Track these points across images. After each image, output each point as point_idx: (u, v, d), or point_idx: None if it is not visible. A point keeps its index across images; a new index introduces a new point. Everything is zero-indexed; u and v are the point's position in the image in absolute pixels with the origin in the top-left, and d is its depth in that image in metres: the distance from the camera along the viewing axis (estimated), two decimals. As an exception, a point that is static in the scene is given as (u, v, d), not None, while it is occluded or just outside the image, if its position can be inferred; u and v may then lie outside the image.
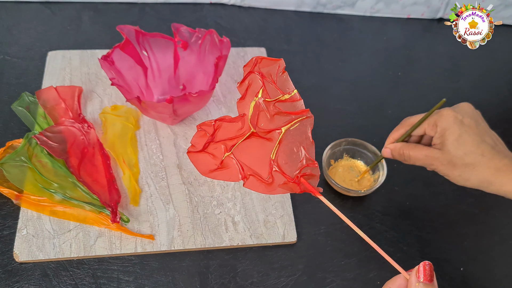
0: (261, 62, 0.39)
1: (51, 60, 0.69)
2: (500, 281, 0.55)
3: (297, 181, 0.38)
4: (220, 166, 0.39)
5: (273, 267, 0.53)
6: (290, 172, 0.38)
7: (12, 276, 0.50)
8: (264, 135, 0.39)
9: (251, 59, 0.39)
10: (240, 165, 0.39)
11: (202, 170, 0.39)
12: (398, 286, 0.38)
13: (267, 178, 0.38)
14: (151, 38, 0.62)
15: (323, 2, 0.80)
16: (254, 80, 0.39)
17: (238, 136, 0.39)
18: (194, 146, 0.39)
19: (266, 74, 0.39)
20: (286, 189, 0.38)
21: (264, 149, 0.39)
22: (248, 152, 0.39)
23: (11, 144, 0.57)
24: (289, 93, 0.38)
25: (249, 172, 0.39)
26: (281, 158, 0.38)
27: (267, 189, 0.39)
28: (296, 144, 0.38)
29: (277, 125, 0.38)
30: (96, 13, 0.77)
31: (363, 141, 0.61)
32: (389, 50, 0.78)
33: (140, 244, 0.53)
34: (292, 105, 0.39)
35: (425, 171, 0.53)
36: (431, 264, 0.36)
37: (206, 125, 0.39)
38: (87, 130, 0.60)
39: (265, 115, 0.38)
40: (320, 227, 0.56)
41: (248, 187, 0.39)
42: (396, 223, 0.58)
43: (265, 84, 0.38)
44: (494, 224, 0.59)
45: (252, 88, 0.39)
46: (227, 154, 0.39)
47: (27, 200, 0.54)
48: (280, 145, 0.38)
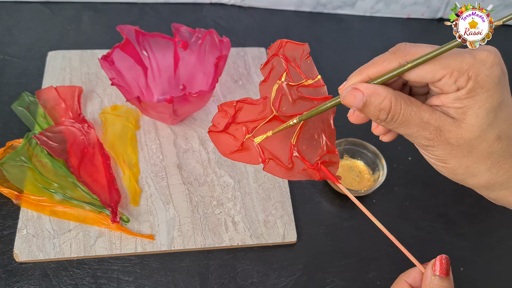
0: (286, 46, 0.38)
1: (51, 60, 0.69)
2: (500, 281, 0.55)
3: (317, 167, 0.37)
4: (241, 148, 0.38)
5: (273, 267, 0.53)
6: (310, 158, 0.38)
7: (12, 276, 0.50)
8: (285, 119, 0.38)
9: (276, 41, 0.38)
10: (261, 148, 0.38)
11: (222, 151, 0.38)
12: (413, 279, 0.37)
13: (287, 163, 0.38)
14: (151, 38, 0.62)
15: (323, 2, 0.80)
16: (278, 63, 0.38)
17: (259, 119, 0.38)
18: (215, 126, 0.39)
19: (290, 58, 0.38)
20: (305, 176, 0.38)
21: (285, 134, 0.38)
22: (270, 136, 0.38)
23: (11, 144, 0.57)
24: (312, 79, 0.38)
25: (269, 156, 0.38)
26: (301, 144, 0.38)
27: (286, 174, 0.38)
28: (317, 131, 0.38)
29: (299, 110, 0.37)
30: (96, 13, 0.77)
31: (363, 141, 0.61)
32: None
33: (140, 244, 0.53)
34: (315, 91, 0.38)
35: (425, 171, 0.53)
36: (447, 258, 0.35)
37: (228, 106, 0.38)
38: (87, 130, 0.60)
39: (287, 99, 0.38)
40: (320, 227, 0.57)
41: (267, 170, 0.38)
42: (396, 223, 0.58)
43: (288, 68, 0.38)
44: (494, 224, 0.59)
45: (276, 71, 0.38)
46: (248, 136, 0.38)
47: (27, 200, 0.54)
48: (301, 130, 0.38)
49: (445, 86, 0.30)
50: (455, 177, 0.33)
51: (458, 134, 0.30)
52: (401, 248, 0.36)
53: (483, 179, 0.32)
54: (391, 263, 0.55)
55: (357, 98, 0.32)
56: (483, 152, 0.31)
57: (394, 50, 0.31)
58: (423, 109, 0.31)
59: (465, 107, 0.30)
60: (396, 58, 0.31)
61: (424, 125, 0.31)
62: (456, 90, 0.30)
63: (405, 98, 0.31)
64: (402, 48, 0.31)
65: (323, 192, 0.60)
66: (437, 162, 0.33)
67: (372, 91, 0.31)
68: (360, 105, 0.32)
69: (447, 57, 0.29)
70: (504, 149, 0.31)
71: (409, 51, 0.30)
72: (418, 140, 0.32)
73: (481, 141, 0.30)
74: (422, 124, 0.31)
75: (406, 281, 0.37)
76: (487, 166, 0.31)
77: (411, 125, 0.31)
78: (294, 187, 0.59)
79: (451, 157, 0.32)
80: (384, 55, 0.32)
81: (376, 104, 0.31)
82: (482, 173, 0.32)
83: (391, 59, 0.31)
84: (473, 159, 0.31)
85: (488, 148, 0.31)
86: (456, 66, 0.29)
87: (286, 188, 0.58)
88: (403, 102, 0.31)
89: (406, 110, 0.31)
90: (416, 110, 0.31)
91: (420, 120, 0.31)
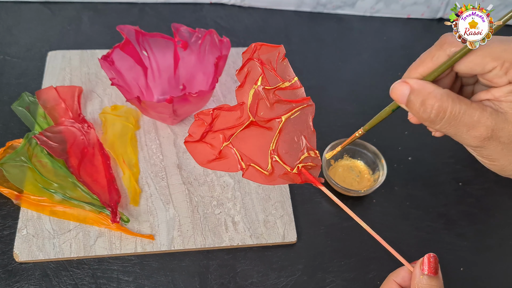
0: (261, 49, 0.37)
1: (51, 60, 0.69)
2: (500, 281, 0.55)
3: (298, 171, 0.37)
4: (219, 156, 0.38)
5: (273, 267, 0.53)
6: (291, 162, 0.37)
7: (12, 276, 0.50)
8: (263, 124, 0.37)
9: (250, 45, 0.37)
10: (239, 155, 0.38)
11: (199, 161, 0.38)
12: (402, 279, 0.37)
13: (267, 169, 0.37)
14: (151, 38, 0.62)
15: (323, 2, 0.80)
16: (253, 67, 0.37)
17: (237, 125, 0.38)
18: (192, 136, 0.38)
19: (266, 61, 0.37)
20: (286, 180, 0.37)
21: (264, 139, 0.38)
22: (248, 141, 0.38)
23: (11, 144, 0.57)
24: (289, 81, 0.37)
25: (248, 162, 0.38)
26: (281, 148, 0.37)
27: (267, 180, 0.37)
28: (297, 133, 0.37)
29: (277, 113, 0.37)
30: (96, 13, 0.77)
31: (363, 141, 0.61)
32: (389, 50, 0.78)
33: (140, 244, 0.53)
34: (293, 93, 0.37)
35: (426, 171, 0.52)
36: (435, 256, 0.35)
37: (204, 114, 0.38)
38: (87, 130, 0.60)
39: (264, 103, 0.37)
40: (320, 227, 0.56)
41: (247, 177, 0.38)
42: (396, 223, 0.58)
43: (264, 72, 0.37)
44: (494, 225, 0.59)
45: (251, 76, 0.37)
46: (226, 144, 0.38)
47: (27, 200, 0.54)
48: (280, 134, 0.37)
49: (496, 78, 0.28)
50: (504, 173, 0.32)
51: (510, 131, 0.29)
52: (388, 248, 0.36)
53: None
54: (391, 263, 0.54)
55: (404, 92, 0.30)
56: None
57: (440, 44, 0.30)
58: (473, 107, 0.29)
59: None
60: (444, 51, 0.30)
61: (475, 124, 0.29)
62: (507, 82, 0.28)
63: (454, 96, 0.30)
64: (448, 39, 0.30)
65: (323, 192, 0.59)
66: (486, 161, 0.32)
67: (420, 87, 0.30)
68: (405, 100, 0.30)
69: (498, 48, 0.28)
70: None
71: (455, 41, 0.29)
72: (467, 141, 0.30)
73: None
74: (472, 123, 0.29)
75: (395, 280, 0.37)
76: None
77: (459, 124, 0.29)
78: (294, 187, 0.59)
79: (502, 156, 0.30)
80: (431, 51, 0.30)
81: (422, 100, 0.29)
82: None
83: (440, 54, 0.30)
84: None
85: None
86: (508, 57, 0.27)
87: (286, 188, 0.58)
88: (451, 100, 0.29)
89: (454, 108, 0.29)
90: (465, 108, 0.29)
91: (471, 119, 0.29)
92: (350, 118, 0.68)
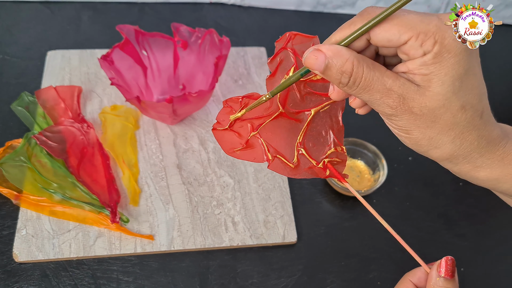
0: (295, 38, 0.36)
1: (50, 59, 0.69)
2: (500, 281, 0.55)
3: (324, 166, 0.36)
4: (245, 145, 0.37)
5: (273, 267, 0.53)
6: (317, 156, 0.37)
7: (11, 276, 0.50)
8: (292, 116, 0.36)
9: (284, 34, 0.36)
10: (266, 145, 0.37)
11: (226, 149, 0.37)
12: (418, 279, 0.37)
13: (292, 161, 0.37)
14: (151, 38, 0.62)
15: (323, 2, 0.80)
16: (286, 57, 0.36)
17: (265, 115, 0.37)
18: (220, 123, 0.37)
19: (299, 51, 0.36)
20: (311, 174, 0.37)
21: (291, 131, 0.37)
22: (275, 132, 0.37)
23: (10, 144, 0.57)
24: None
25: (274, 154, 0.37)
26: (308, 141, 0.37)
27: (292, 172, 0.37)
28: (325, 127, 0.37)
29: (307, 106, 0.36)
30: (96, 13, 0.77)
31: (363, 141, 0.61)
32: (389, 50, 0.78)
33: (139, 245, 0.52)
34: (324, 86, 0.36)
35: (426, 171, 0.53)
36: (453, 259, 0.35)
37: (233, 101, 0.37)
38: (86, 130, 0.60)
39: (295, 95, 0.36)
40: (320, 227, 0.56)
41: (272, 169, 0.37)
42: (396, 223, 0.58)
43: (297, 62, 0.36)
44: (495, 225, 0.59)
45: (283, 65, 0.36)
46: (253, 134, 0.37)
47: (27, 200, 0.54)
48: (308, 127, 0.36)
49: (411, 50, 0.28)
50: (419, 148, 0.32)
51: (422, 103, 0.29)
52: (407, 249, 0.36)
53: (446, 151, 0.31)
54: (392, 263, 0.55)
55: (319, 60, 0.30)
56: (446, 122, 0.29)
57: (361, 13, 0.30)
58: (387, 75, 0.29)
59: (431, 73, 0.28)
60: (363, 20, 0.29)
61: (387, 92, 0.29)
62: (422, 54, 0.28)
63: (369, 62, 0.29)
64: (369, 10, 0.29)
65: (323, 192, 0.59)
66: (401, 133, 0.32)
67: (335, 52, 0.29)
68: (322, 67, 0.30)
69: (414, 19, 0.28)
70: (468, 120, 0.30)
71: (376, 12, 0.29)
72: (381, 108, 0.30)
73: (445, 110, 0.29)
74: (385, 90, 0.29)
75: (411, 280, 0.38)
76: (450, 138, 0.30)
77: (373, 91, 0.29)
78: (294, 187, 0.59)
79: (415, 127, 0.30)
80: (352, 19, 0.30)
81: (338, 66, 0.29)
82: (445, 145, 0.31)
83: (358, 21, 0.29)
84: (436, 130, 0.30)
85: (452, 118, 0.29)
86: (423, 28, 0.28)
87: (286, 188, 0.58)
88: (365, 65, 0.29)
89: (368, 74, 0.29)
90: (379, 75, 0.29)
91: (383, 86, 0.29)
92: (350, 118, 0.67)
